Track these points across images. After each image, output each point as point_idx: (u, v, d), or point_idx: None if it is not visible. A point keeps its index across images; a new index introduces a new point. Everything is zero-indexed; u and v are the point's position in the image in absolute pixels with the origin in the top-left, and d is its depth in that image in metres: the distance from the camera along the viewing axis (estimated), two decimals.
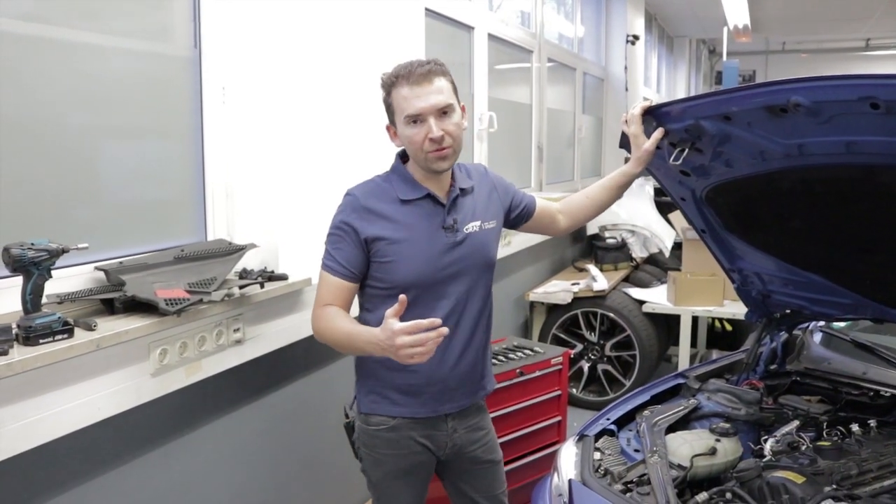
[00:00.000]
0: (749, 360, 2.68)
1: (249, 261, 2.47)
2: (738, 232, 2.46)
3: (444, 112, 1.93)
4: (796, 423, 2.27)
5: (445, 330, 1.72)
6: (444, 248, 2.02)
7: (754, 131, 1.91)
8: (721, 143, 2.03)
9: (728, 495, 1.91)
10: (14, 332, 1.74)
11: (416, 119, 1.92)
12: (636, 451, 2.21)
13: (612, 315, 4.94)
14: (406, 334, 1.70)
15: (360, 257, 1.99)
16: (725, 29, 9.92)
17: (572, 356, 4.73)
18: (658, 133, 2.12)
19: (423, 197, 2.02)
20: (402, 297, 1.74)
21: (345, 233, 1.98)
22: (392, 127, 2.02)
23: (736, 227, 2.45)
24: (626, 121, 2.21)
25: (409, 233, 1.98)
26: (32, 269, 1.75)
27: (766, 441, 2.19)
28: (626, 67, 7.88)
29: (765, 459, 2.09)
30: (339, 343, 1.95)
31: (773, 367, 2.71)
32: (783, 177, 2.05)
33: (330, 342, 1.98)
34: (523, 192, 2.32)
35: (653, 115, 2.15)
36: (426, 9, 3.64)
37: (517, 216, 2.28)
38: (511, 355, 3.40)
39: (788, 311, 2.70)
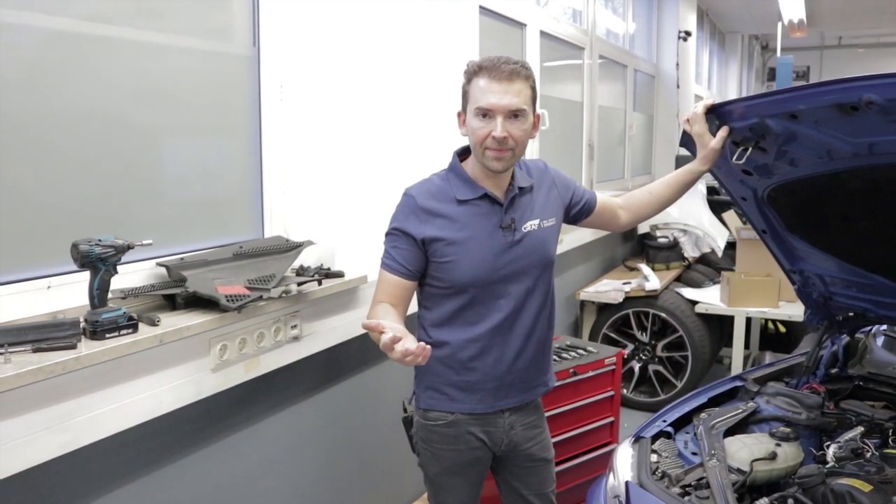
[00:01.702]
0: (809, 364, 2.62)
1: (306, 258, 2.49)
2: (801, 232, 2.41)
3: (515, 115, 1.91)
4: (860, 429, 2.21)
5: (416, 349, 1.68)
6: (501, 247, 2.01)
7: (822, 130, 1.87)
8: (786, 142, 1.99)
9: (790, 502, 1.87)
10: (82, 326, 1.77)
11: (486, 114, 1.91)
12: (693, 454, 2.18)
13: (663, 315, 4.89)
14: (388, 350, 1.68)
15: (418, 256, 1.99)
16: (780, 24, 9.72)
17: (624, 357, 4.69)
18: (724, 131, 2.09)
19: (481, 196, 2.01)
20: (427, 349, 1.70)
21: (401, 236, 1.99)
22: (463, 114, 2.01)
23: (798, 228, 2.40)
24: (689, 120, 2.18)
25: (466, 233, 1.98)
26: (99, 264, 1.78)
27: (828, 447, 2.13)
28: (677, 64, 7.78)
29: (828, 466, 2.04)
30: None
31: (834, 370, 2.64)
32: (851, 176, 2.00)
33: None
34: (584, 188, 2.30)
35: (715, 114, 2.12)
36: (480, 7, 3.63)
37: (578, 212, 2.25)
38: (564, 355, 3.38)
39: (851, 313, 2.63)
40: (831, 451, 2.10)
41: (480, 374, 2.06)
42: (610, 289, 4.98)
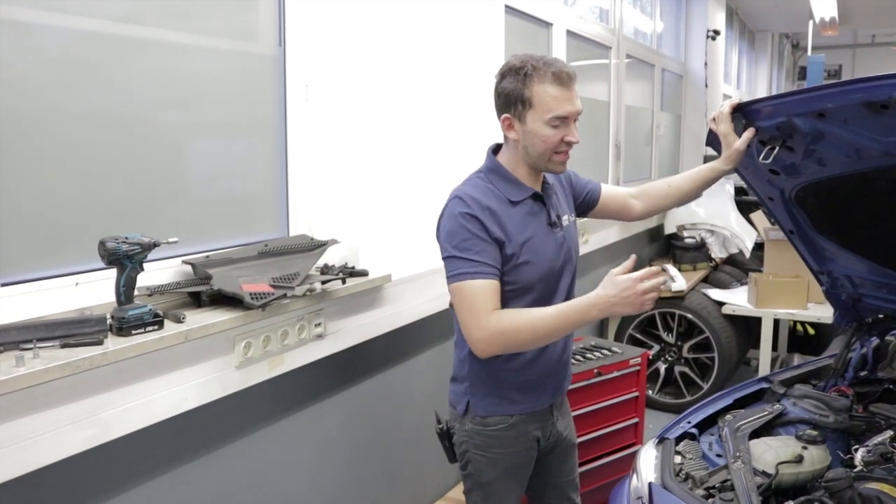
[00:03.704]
0: (837, 366, 2.59)
1: (330, 256, 2.50)
2: (829, 233, 2.38)
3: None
4: (890, 432, 2.17)
5: (662, 275, 1.82)
6: (556, 243, 2.05)
7: (850, 129, 1.84)
8: (814, 142, 1.96)
9: None
10: (108, 322, 1.80)
11: (562, 121, 1.91)
12: (718, 456, 2.16)
13: (690, 316, 4.85)
14: (643, 280, 1.78)
15: (499, 257, 1.92)
16: (811, 22, 9.60)
17: (650, 357, 4.66)
18: (749, 133, 2.08)
19: (531, 196, 2.02)
20: (633, 256, 1.86)
21: (481, 239, 1.90)
22: (511, 118, 1.95)
23: (826, 228, 2.37)
24: (714, 119, 2.16)
25: (529, 232, 1.98)
26: (126, 262, 1.80)
27: (856, 450, 2.10)
28: (706, 63, 7.70)
29: (855, 470, 2.01)
30: (542, 329, 1.86)
31: (863, 373, 2.61)
32: (880, 176, 1.98)
33: (520, 340, 1.89)
34: (587, 178, 2.31)
35: (742, 113, 2.10)
36: (506, 6, 3.62)
37: (583, 202, 2.27)
38: (589, 355, 3.37)
39: (881, 315, 2.60)
40: (859, 454, 2.08)
41: (540, 370, 2.09)
42: None
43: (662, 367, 4.96)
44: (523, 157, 1.99)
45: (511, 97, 1.93)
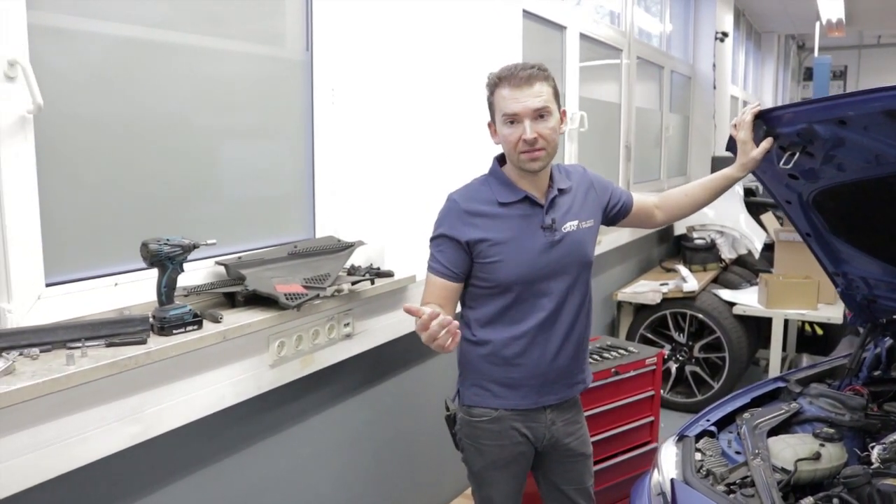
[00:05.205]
0: (852, 366, 2.63)
1: (356, 257, 2.55)
2: (846, 236, 2.42)
3: (540, 115, 2.00)
4: None
5: (451, 321, 1.80)
6: (543, 247, 2.08)
7: (871, 135, 1.89)
8: (834, 148, 2.01)
9: (835, 501, 1.89)
10: (150, 322, 1.85)
11: (513, 119, 2.00)
12: (737, 453, 2.20)
13: (701, 316, 4.89)
14: (422, 330, 1.80)
15: (463, 259, 2.08)
16: (818, 23, 9.62)
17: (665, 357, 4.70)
18: (767, 143, 2.12)
19: (521, 199, 2.09)
20: (455, 323, 1.82)
21: (446, 241, 2.08)
22: (493, 125, 2.11)
23: (843, 231, 2.41)
24: (736, 125, 2.21)
25: (509, 234, 2.06)
26: (168, 263, 1.85)
27: (872, 448, 2.14)
28: (714, 65, 7.73)
29: (872, 467, 2.05)
30: None
31: (876, 373, 2.65)
32: None
33: None
34: (622, 189, 2.37)
35: (763, 119, 2.14)
36: (524, 10, 3.67)
37: (615, 213, 2.32)
38: (605, 355, 3.41)
39: (895, 316, 2.64)
40: (876, 452, 2.11)
41: (524, 370, 2.13)
42: (647, 290, 5.00)
43: (674, 367, 5.00)
44: (508, 161, 2.11)
45: (488, 107, 2.10)
